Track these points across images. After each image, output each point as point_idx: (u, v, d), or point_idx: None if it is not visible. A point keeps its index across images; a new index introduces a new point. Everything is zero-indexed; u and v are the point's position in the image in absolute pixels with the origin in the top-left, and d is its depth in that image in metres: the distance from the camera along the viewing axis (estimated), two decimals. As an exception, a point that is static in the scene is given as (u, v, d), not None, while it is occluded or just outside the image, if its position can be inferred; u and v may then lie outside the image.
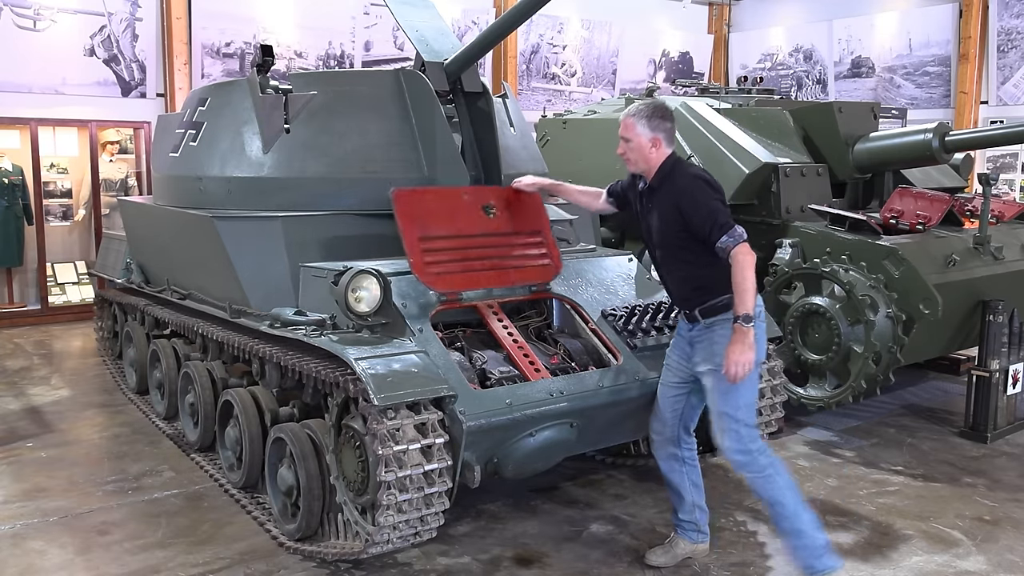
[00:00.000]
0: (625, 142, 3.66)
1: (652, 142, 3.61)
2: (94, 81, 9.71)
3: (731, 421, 3.57)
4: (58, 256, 10.23)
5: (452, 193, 4.34)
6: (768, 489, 3.57)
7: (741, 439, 3.57)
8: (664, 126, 3.62)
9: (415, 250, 4.02)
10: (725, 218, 3.48)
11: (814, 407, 5.87)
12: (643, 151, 3.62)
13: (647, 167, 3.66)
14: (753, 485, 3.63)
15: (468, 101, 4.95)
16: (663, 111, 3.66)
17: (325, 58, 11.10)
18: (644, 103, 3.71)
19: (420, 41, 5.02)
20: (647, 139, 3.61)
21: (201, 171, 5.09)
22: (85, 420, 6.16)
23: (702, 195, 3.52)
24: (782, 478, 3.58)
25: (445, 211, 4.20)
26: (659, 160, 3.63)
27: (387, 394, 3.36)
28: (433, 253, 4.07)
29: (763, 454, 3.59)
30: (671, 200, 3.58)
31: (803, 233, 6.09)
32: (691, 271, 3.62)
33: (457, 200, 4.28)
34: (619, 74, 13.99)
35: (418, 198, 4.17)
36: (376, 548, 3.59)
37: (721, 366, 3.50)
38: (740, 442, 3.57)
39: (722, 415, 3.58)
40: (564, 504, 4.66)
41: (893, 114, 10.36)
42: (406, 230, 4.03)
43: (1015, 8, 11.43)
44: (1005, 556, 4.10)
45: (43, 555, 4.06)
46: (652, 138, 3.61)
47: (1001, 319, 5.65)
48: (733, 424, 3.57)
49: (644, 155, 3.63)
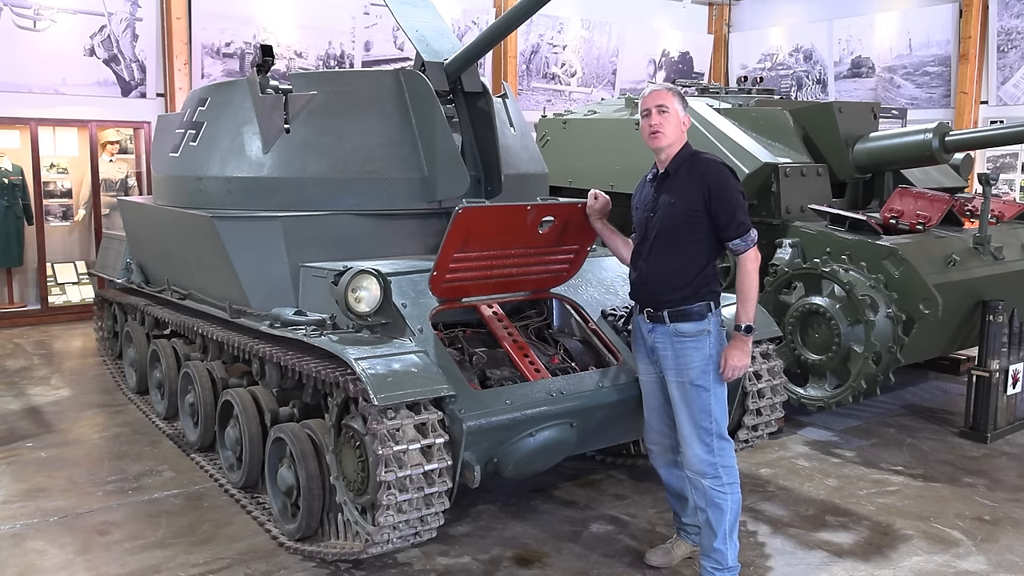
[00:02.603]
0: (660, 112, 3.48)
1: (685, 121, 3.54)
2: (94, 81, 9.71)
3: (704, 433, 3.50)
4: (58, 256, 10.23)
5: (517, 211, 3.93)
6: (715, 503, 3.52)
7: (711, 451, 3.51)
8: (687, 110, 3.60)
9: (443, 267, 3.85)
10: (744, 216, 3.44)
11: (814, 407, 5.87)
12: (676, 128, 3.51)
13: (675, 142, 3.52)
14: (704, 492, 3.54)
15: (468, 101, 4.95)
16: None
17: (325, 58, 11.10)
18: (669, 86, 3.63)
19: (420, 41, 5.02)
20: (682, 115, 3.53)
21: (201, 171, 5.09)
22: (85, 420, 6.16)
23: (731, 184, 3.45)
24: (733, 505, 3.52)
25: (499, 228, 3.92)
26: (682, 142, 3.55)
27: (387, 394, 3.36)
28: (458, 271, 3.93)
29: (728, 473, 3.51)
30: (695, 182, 3.44)
31: (803, 233, 6.09)
32: (677, 265, 3.47)
33: (519, 218, 3.91)
34: (619, 74, 13.99)
35: (480, 216, 3.81)
36: (376, 548, 3.58)
37: (694, 381, 3.46)
38: (710, 454, 3.51)
39: (695, 427, 3.51)
40: (564, 504, 4.65)
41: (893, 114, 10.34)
42: (447, 246, 3.76)
43: (1015, 8, 11.43)
44: (1005, 556, 4.10)
45: (43, 555, 4.06)
46: (684, 117, 3.55)
47: (1001, 319, 5.65)
48: (706, 437, 3.50)
49: (678, 129, 3.52)
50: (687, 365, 3.49)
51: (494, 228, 3.86)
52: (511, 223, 3.89)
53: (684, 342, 3.49)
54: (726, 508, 3.51)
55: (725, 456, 3.53)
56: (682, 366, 3.50)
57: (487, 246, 3.90)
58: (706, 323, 3.49)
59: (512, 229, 3.91)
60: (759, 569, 3.95)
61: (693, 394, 3.49)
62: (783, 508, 4.62)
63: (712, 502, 3.52)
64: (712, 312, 3.51)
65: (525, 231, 3.92)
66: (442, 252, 3.77)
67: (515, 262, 4.07)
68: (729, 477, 3.53)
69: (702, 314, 3.48)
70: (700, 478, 3.54)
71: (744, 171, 6.24)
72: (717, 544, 3.53)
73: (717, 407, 3.52)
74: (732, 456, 3.58)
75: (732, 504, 3.52)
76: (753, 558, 4.04)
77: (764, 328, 4.53)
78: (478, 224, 3.77)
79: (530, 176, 5.37)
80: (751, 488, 4.88)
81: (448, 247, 3.75)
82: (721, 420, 3.54)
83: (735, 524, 3.56)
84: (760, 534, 4.30)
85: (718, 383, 3.52)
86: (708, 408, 3.49)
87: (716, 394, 3.51)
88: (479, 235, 3.82)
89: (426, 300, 4.00)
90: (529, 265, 4.14)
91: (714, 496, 3.51)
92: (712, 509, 3.53)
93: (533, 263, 4.14)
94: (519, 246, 4.00)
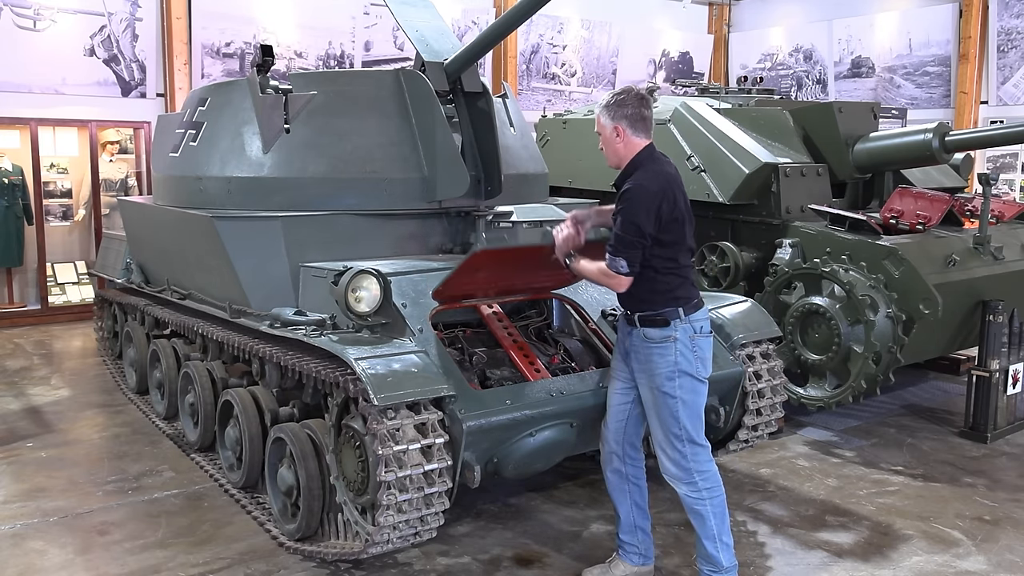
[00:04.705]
0: (600, 137, 3.49)
1: (615, 131, 3.40)
2: (94, 81, 9.71)
3: (674, 439, 3.45)
4: (58, 256, 10.23)
5: (534, 252, 3.95)
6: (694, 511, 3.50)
7: (684, 456, 3.46)
8: (623, 112, 3.39)
9: (447, 290, 3.87)
10: (632, 237, 3.28)
11: (814, 407, 5.87)
12: (610, 144, 3.43)
13: (617, 161, 3.45)
14: (683, 500, 3.52)
15: (468, 101, 4.95)
16: (626, 96, 3.42)
17: (325, 58, 11.10)
18: (600, 103, 3.52)
19: (420, 41, 5.02)
20: (609, 129, 3.41)
21: (201, 171, 5.09)
22: (85, 420, 6.16)
23: (631, 204, 3.30)
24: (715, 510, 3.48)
25: (513, 266, 3.95)
26: (628, 153, 3.41)
27: (387, 394, 3.36)
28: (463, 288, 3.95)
29: (705, 479, 3.48)
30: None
31: (803, 233, 6.09)
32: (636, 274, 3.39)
33: (534, 256, 3.93)
34: (619, 74, 13.99)
35: (496, 256, 3.87)
36: (376, 548, 3.58)
37: (661, 387, 3.42)
38: (683, 459, 3.46)
39: (665, 433, 3.47)
40: (564, 504, 4.65)
41: (893, 114, 10.35)
42: (456, 278, 3.78)
43: (1015, 8, 11.43)
44: (1005, 556, 4.10)
45: (43, 555, 4.06)
46: (613, 127, 3.40)
47: (1001, 319, 5.65)
48: (676, 443, 3.46)
49: (612, 148, 3.43)
50: (653, 371, 3.45)
51: (508, 266, 3.92)
52: (525, 260, 3.93)
53: (650, 347, 3.45)
54: (707, 515, 3.48)
55: (700, 462, 3.48)
56: (650, 371, 3.46)
57: (498, 277, 3.96)
58: (671, 330, 3.42)
59: (525, 264, 3.96)
60: (759, 569, 3.95)
61: (661, 399, 3.45)
62: (783, 508, 4.62)
63: (691, 510, 3.51)
64: (681, 318, 3.42)
65: (537, 264, 3.94)
66: (450, 280, 3.78)
67: (521, 277, 4.11)
68: (706, 483, 3.48)
69: (667, 321, 3.41)
70: (675, 484, 3.51)
71: (744, 171, 6.24)
72: (709, 550, 3.51)
73: (686, 413, 3.45)
74: (709, 462, 3.52)
75: (714, 509, 3.48)
76: (753, 558, 4.04)
77: (764, 328, 4.54)
78: (492, 262, 3.82)
79: (530, 176, 5.37)
80: (751, 488, 4.89)
81: (456, 278, 3.76)
82: (692, 426, 3.46)
83: (723, 528, 3.51)
84: (760, 534, 4.30)
85: (689, 390, 3.45)
86: (676, 414, 3.44)
87: (684, 400, 3.43)
88: (491, 269, 3.86)
89: (426, 300, 4.00)
90: (533, 277, 4.17)
91: (692, 503, 3.49)
92: (693, 516, 3.52)
93: (537, 275, 4.16)
94: (528, 273, 4.05)
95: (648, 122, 3.45)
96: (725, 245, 6.41)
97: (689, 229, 3.46)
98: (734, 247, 6.37)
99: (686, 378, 3.44)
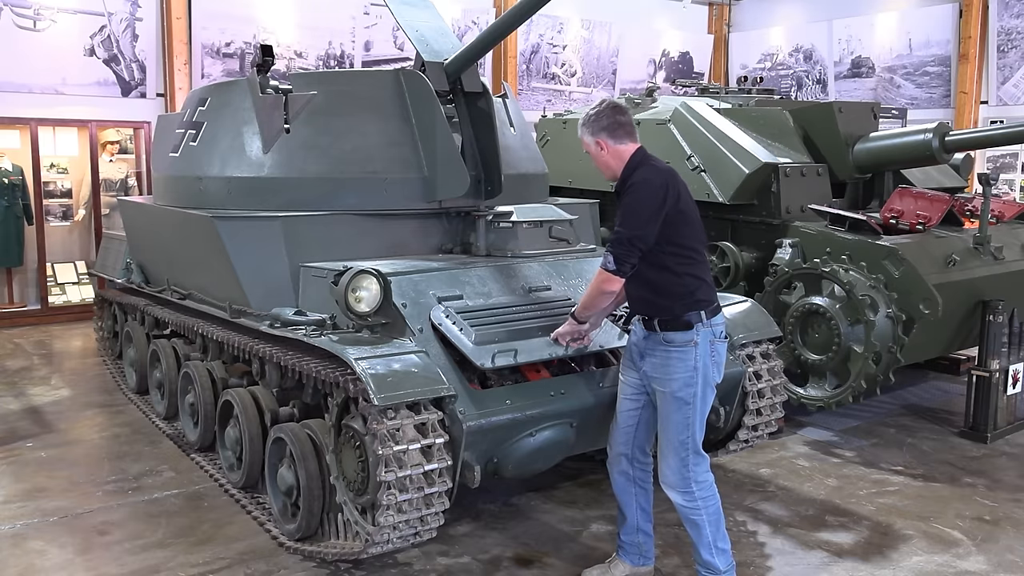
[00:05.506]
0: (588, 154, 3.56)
1: (598, 145, 3.46)
2: (94, 81, 9.71)
3: (682, 448, 3.46)
4: (58, 256, 10.23)
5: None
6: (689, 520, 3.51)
7: (686, 465, 3.47)
8: (600, 125, 3.43)
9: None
10: (630, 232, 3.30)
11: (814, 407, 5.87)
12: (599, 158, 3.49)
13: (612, 173, 3.49)
14: (677, 509, 3.53)
15: (468, 101, 4.95)
16: (599, 109, 3.47)
17: (325, 58, 11.10)
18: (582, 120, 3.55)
19: (420, 41, 5.02)
20: (593, 145, 3.47)
21: (201, 171, 5.09)
22: (85, 420, 6.16)
23: (635, 195, 3.33)
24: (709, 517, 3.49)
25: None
26: (619, 162, 3.45)
27: (387, 394, 3.36)
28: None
29: (700, 488, 3.47)
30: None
31: (803, 233, 6.09)
32: (644, 277, 3.43)
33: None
34: (619, 74, 13.99)
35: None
36: (376, 548, 3.58)
37: (676, 393, 3.41)
38: (685, 468, 3.47)
39: (670, 439, 3.47)
40: (564, 504, 4.65)
41: (893, 114, 10.36)
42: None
43: (1015, 8, 11.43)
44: (1005, 556, 4.10)
45: (43, 555, 4.06)
46: (596, 142, 3.46)
47: (1001, 319, 5.65)
48: (682, 451, 3.46)
49: (602, 161, 3.49)
50: (671, 376, 3.43)
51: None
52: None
53: (670, 351, 3.43)
54: (702, 523, 3.49)
55: (699, 472, 3.49)
56: (667, 376, 3.44)
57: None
58: (693, 334, 3.40)
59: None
60: (759, 569, 3.95)
61: (676, 406, 3.44)
62: (783, 508, 4.62)
63: (686, 519, 3.52)
64: (703, 322, 3.41)
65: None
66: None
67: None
68: (702, 492, 3.49)
69: (690, 324, 3.40)
70: (671, 492, 3.51)
71: (744, 171, 6.24)
72: (705, 557, 3.52)
73: (699, 422, 3.46)
74: (707, 472, 3.52)
75: (708, 518, 3.49)
76: (753, 558, 4.04)
77: (764, 328, 4.54)
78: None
79: (530, 176, 5.37)
80: (751, 488, 4.89)
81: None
82: (699, 436, 3.48)
83: (718, 534, 3.52)
84: (760, 534, 4.30)
85: (703, 398, 3.45)
86: (689, 422, 3.43)
87: (698, 408, 3.44)
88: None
89: (426, 300, 4.00)
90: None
91: (687, 513, 3.50)
92: (688, 525, 3.53)
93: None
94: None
95: (627, 127, 3.47)
96: (725, 245, 6.41)
97: (701, 230, 3.48)
98: (734, 247, 6.38)
99: (703, 384, 3.44)
